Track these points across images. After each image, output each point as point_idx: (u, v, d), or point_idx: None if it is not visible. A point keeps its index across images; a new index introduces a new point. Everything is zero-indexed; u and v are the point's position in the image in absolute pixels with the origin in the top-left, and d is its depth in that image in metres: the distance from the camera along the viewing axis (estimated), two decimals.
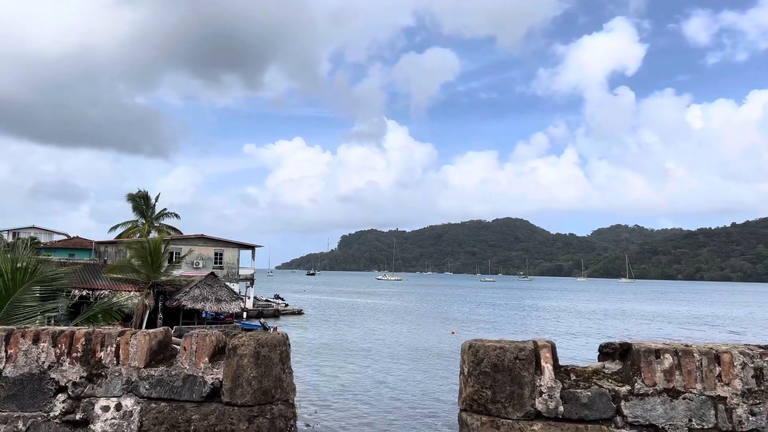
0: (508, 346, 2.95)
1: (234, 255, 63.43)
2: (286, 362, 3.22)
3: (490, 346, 2.97)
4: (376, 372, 32.49)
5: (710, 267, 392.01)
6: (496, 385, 2.89)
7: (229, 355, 3.10)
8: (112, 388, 3.15)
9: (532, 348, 2.93)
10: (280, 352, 3.18)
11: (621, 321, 69.03)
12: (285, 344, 3.23)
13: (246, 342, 3.11)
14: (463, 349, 3.10)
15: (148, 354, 3.20)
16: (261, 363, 3.09)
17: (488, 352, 2.95)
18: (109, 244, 68.19)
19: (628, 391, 2.82)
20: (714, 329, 61.03)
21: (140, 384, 3.14)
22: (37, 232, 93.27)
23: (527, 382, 2.87)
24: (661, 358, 2.83)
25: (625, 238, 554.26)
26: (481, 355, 2.96)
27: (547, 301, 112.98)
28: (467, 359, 3.01)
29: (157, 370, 3.15)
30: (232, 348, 3.11)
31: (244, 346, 3.10)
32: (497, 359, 2.92)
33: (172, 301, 42.49)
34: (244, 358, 3.08)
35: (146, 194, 69.74)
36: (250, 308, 60.02)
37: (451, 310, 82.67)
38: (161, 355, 3.29)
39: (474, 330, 54.82)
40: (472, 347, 3.02)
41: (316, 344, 42.89)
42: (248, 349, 3.09)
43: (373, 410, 23.87)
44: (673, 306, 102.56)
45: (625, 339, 3.22)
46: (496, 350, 2.94)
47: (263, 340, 3.14)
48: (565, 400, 2.83)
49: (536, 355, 2.93)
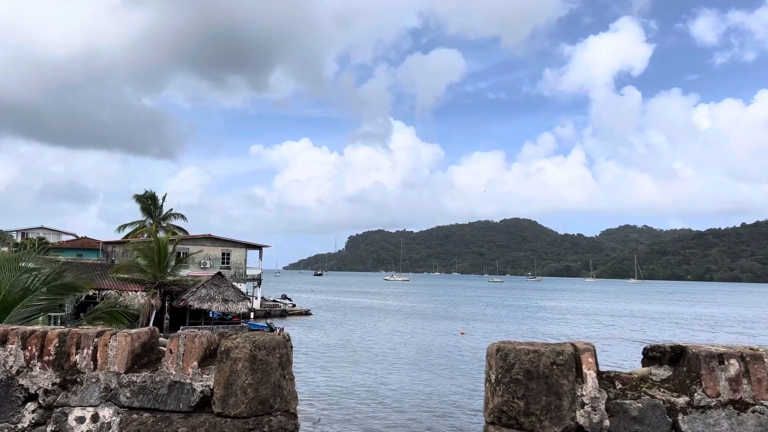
0: (543, 349, 2.54)
1: (241, 255, 63.19)
2: (286, 367, 2.82)
3: (522, 350, 2.56)
4: (386, 375, 32.06)
5: (720, 268, 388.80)
6: (530, 395, 2.48)
7: (222, 359, 2.71)
8: (88, 396, 2.76)
9: (571, 352, 2.52)
10: (279, 355, 2.78)
11: (634, 322, 68.33)
12: (285, 346, 2.84)
13: (240, 344, 2.72)
14: (490, 353, 2.69)
15: (130, 357, 2.81)
16: (257, 368, 2.70)
17: (520, 357, 2.54)
18: (116, 244, 68.13)
19: (686, 402, 2.40)
20: (734, 330, 60.26)
21: (120, 392, 2.75)
22: (45, 232, 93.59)
23: (566, 391, 2.46)
24: (725, 364, 2.41)
25: (634, 239, 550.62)
26: (511, 360, 2.56)
27: (557, 301, 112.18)
28: (495, 365, 2.61)
29: (139, 375, 2.77)
30: (224, 351, 2.71)
31: (239, 348, 2.71)
32: (531, 365, 2.51)
33: (179, 301, 42.23)
34: (238, 362, 2.69)
35: (153, 194, 69.67)
36: (258, 308, 59.74)
37: (460, 310, 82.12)
38: (145, 358, 2.90)
39: (484, 331, 54.29)
40: (500, 351, 2.61)
41: (323, 345, 42.53)
42: (243, 353, 2.70)
43: (383, 420, 23.42)
44: (686, 307, 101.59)
45: (663, 341, 2.80)
46: (529, 354, 2.53)
47: (260, 342, 2.74)
48: (612, 412, 2.42)
49: (576, 360, 2.52)
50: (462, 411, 23.94)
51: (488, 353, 2.71)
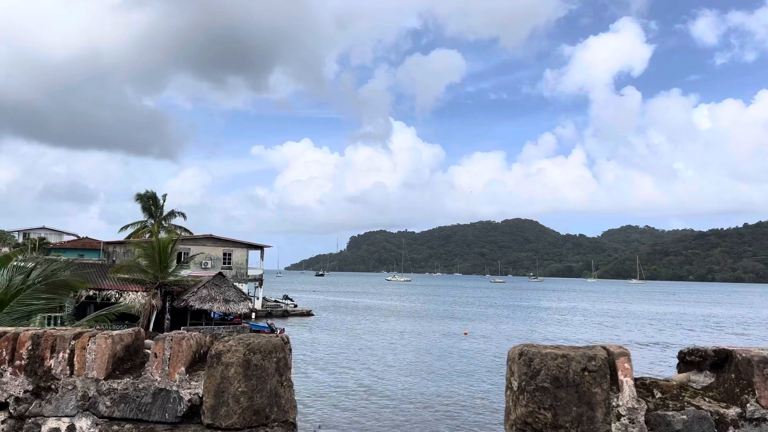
0: (573, 353, 2.26)
1: (243, 255, 62.92)
2: (284, 372, 2.54)
3: (549, 354, 2.27)
4: (388, 377, 31.76)
5: (722, 268, 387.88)
6: (558, 405, 2.20)
7: (212, 363, 2.43)
8: (64, 405, 2.49)
9: (604, 357, 2.24)
10: (276, 359, 2.50)
11: (639, 323, 67.98)
12: (283, 350, 2.56)
13: (233, 347, 2.44)
14: (511, 358, 2.41)
15: (111, 362, 2.53)
16: (252, 374, 2.42)
17: (546, 362, 2.26)
18: (117, 245, 67.90)
19: (737, 414, 2.12)
20: (746, 332, 59.92)
21: (99, 400, 2.47)
22: (47, 232, 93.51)
23: (600, 401, 2.18)
24: None
25: (636, 239, 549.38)
26: (536, 365, 2.27)
27: (560, 302, 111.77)
28: (518, 371, 2.32)
29: (121, 382, 2.49)
30: (215, 355, 2.43)
31: (231, 352, 2.42)
32: (559, 371, 2.23)
33: (180, 302, 41.97)
34: (230, 367, 2.41)
35: (154, 195, 69.45)
36: (259, 309, 59.48)
37: (462, 311, 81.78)
38: (128, 362, 2.62)
39: (487, 332, 53.97)
40: (523, 355, 2.32)
41: (324, 346, 42.25)
42: (236, 357, 2.42)
43: (385, 422, 23.12)
44: (690, 307, 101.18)
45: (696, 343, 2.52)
46: (556, 359, 2.25)
47: (255, 345, 2.46)
48: (652, 425, 2.14)
49: (610, 366, 2.24)
50: (466, 413, 23.64)
51: (510, 358, 2.43)
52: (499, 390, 27.94)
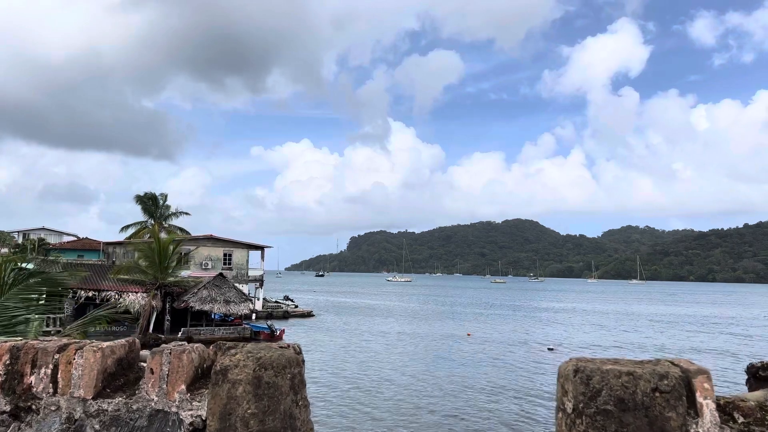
0: (639, 371, 1.93)
1: (243, 256, 62.60)
2: (300, 390, 2.21)
3: (611, 372, 1.94)
4: (391, 379, 31.42)
5: (722, 268, 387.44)
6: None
7: (217, 380, 2.10)
8: (46, 428, 2.16)
9: (678, 375, 1.91)
10: (291, 375, 2.17)
11: (647, 324, 67.64)
12: (298, 364, 2.23)
13: (241, 362, 2.11)
14: (564, 375, 2.08)
15: (101, 378, 2.20)
16: (263, 393, 2.09)
17: (608, 381, 1.93)
18: (117, 245, 67.60)
19: None
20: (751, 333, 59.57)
21: (87, 423, 2.14)
22: (47, 233, 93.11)
23: (675, 427, 1.85)
24: None
25: (636, 239, 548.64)
26: (596, 384, 1.94)
27: (562, 303, 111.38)
28: (572, 390, 1.99)
29: (112, 402, 2.16)
30: (220, 371, 2.10)
31: (239, 368, 2.10)
32: (624, 391, 1.90)
33: (180, 303, 41.64)
34: (238, 385, 2.08)
35: (154, 195, 69.12)
36: (260, 310, 59.14)
37: (464, 311, 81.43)
38: (121, 378, 2.29)
39: (491, 333, 53.62)
40: (580, 372, 1.99)
41: (326, 347, 41.93)
42: (245, 373, 2.09)
43: (388, 425, 22.79)
44: (694, 308, 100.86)
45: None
46: (621, 377, 1.92)
47: (267, 359, 2.13)
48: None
49: (687, 386, 1.91)
50: (472, 416, 23.30)
51: (562, 374, 2.09)
52: (501, 392, 27.62)
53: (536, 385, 29.40)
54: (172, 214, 69.18)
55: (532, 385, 29.38)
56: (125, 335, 39.42)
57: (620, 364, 2.02)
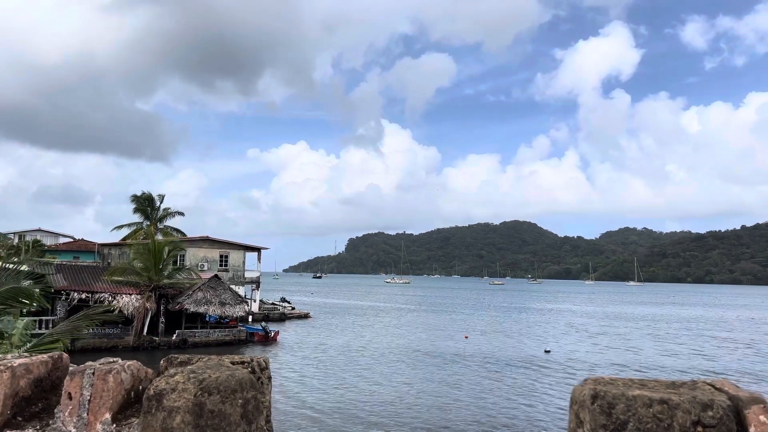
0: (676, 398, 1.52)
1: (240, 257, 62.09)
2: (255, 419, 1.80)
3: (639, 399, 1.54)
4: (389, 381, 30.98)
5: (720, 270, 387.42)
6: None
7: (150, 408, 1.69)
8: None
9: (726, 405, 1.50)
10: (243, 401, 1.76)
11: (651, 326, 67.28)
12: (253, 386, 1.82)
13: (180, 385, 1.70)
14: (578, 401, 1.67)
15: (10, 404, 1.80)
16: (207, 424, 1.68)
17: (635, 410, 1.53)
18: (112, 247, 67.11)
19: None
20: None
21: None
22: (42, 234, 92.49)
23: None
24: None
25: (634, 241, 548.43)
26: (620, 414, 1.54)
27: (559, 304, 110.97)
28: (591, 421, 1.59)
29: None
30: (154, 396, 1.69)
31: (177, 392, 1.69)
32: (657, 425, 1.49)
33: (175, 305, 41.15)
34: (175, 414, 1.67)
35: (150, 196, 68.65)
36: (256, 311, 58.65)
37: (462, 313, 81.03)
38: (39, 404, 1.89)
39: (488, 335, 53.17)
40: (599, 398, 1.59)
41: (322, 349, 41.47)
42: (183, 399, 1.68)
43: (388, 428, 22.35)
44: (700, 310, 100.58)
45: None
46: (651, 407, 1.52)
47: (211, 382, 1.72)
48: None
49: (736, 417, 1.51)
50: (471, 422, 22.89)
51: (575, 400, 1.69)
52: (498, 394, 27.22)
53: (535, 388, 29.02)
54: (168, 215, 68.70)
55: (531, 388, 29.00)
56: (118, 338, 38.94)
57: (649, 388, 1.63)
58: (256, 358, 2.37)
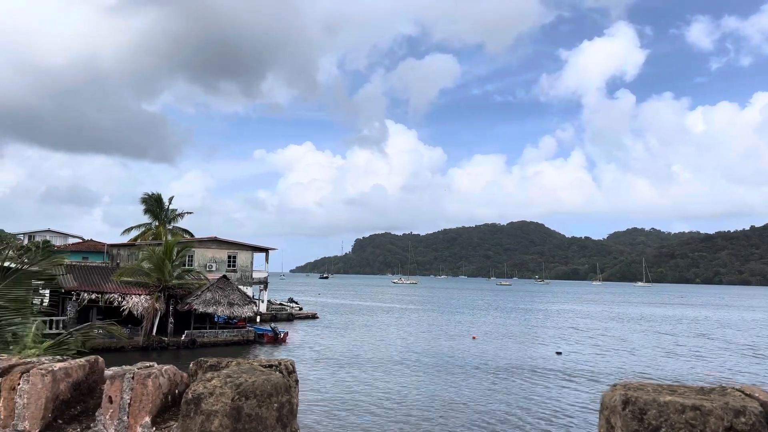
0: (708, 404, 1.55)
1: (248, 258, 62.28)
2: (289, 423, 1.84)
3: (671, 405, 1.57)
4: (397, 382, 31.00)
5: (729, 271, 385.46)
6: None
7: (188, 412, 1.73)
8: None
9: (758, 411, 1.53)
10: (278, 405, 1.80)
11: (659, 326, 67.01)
12: (288, 390, 1.86)
13: (217, 389, 1.74)
14: (610, 406, 1.70)
15: (51, 407, 1.84)
16: (244, 428, 1.72)
17: (668, 416, 1.56)
18: (121, 247, 67.42)
19: None
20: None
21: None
22: (52, 235, 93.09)
23: None
24: None
25: (642, 242, 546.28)
26: (652, 420, 1.57)
27: (568, 305, 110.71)
28: (623, 426, 1.61)
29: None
30: (192, 400, 1.73)
31: (214, 396, 1.73)
32: (690, 431, 1.53)
33: (183, 305, 41.33)
34: (213, 418, 1.71)
35: (159, 197, 68.93)
36: (264, 312, 58.84)
37: (470, 314, 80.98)
38: (78, 406, 1.93)
39: (496, 335, 53.13)
40: (630, 404, 1.62)
41: (330, 350, 41.55)
42: (221, 403, 1.72)
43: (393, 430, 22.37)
44: (710, 311, 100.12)
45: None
46: (684, 413, 1.55)
47: (248, 387, 1.76)
48: None
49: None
50: (482, 424, 22.88)
51: (606, 405, 1.72)
52: (508, 396, 27.19)
53: (548, 391, 28.97)
54: (177, 216, 68.98)
55: (544, 391, 28.96)
56: (128, 338, 39.14)
57: (679, 393, 1.65)
58: (283, 362, 2.41)
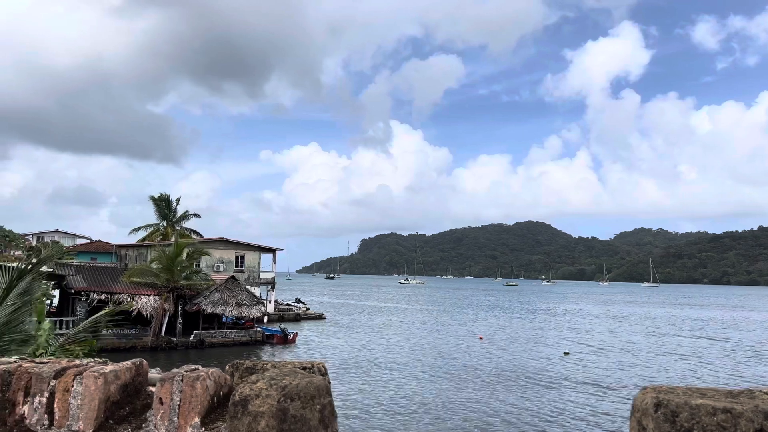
0: (739, 407, 1.61)
1: (255, 258, 62.51)
2: (331, 423, 1.92)
3: (703, 408, 1.63)
4: (404, 383, 31.07)
5: (737, 271, 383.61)
6: None
7: (236, 413, 1.81)
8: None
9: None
10: (320, 407, 1.88)
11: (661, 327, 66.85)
12: (328, 392, 1.94)
13: (263, 391, 1.82)
14: (642, 409, 1.76)
15: (103, 408, 1.93)
16: (290, 429, 1.80)
17: (699, 419, 1.62)
18: (129, 248, 67.76)
19: None
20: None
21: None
22: (60, 236, 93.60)
23: None
24: None
25: (649, 242, 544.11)
26: (684, 422, 1.63)
27: (575, 305, 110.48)
28: (655, 428, 1.68)
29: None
30: (240, 401, 1.81)
31: (261, 398, 1.81)
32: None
33: (192, 306, 41.55)
34: (260, 419, 1.79)
35: (168, 197, 69.22)
36: (271, 312, 59.04)
37: (476, 314, 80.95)
38: (126, 407, 2.02)
39: (503, 336, 53.12)
40: (662, 407, 1.68)
41: (338, 350, 41.67)
42: (267, 404, 1.80)
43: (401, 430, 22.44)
44: (718, 312, 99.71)
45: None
46: (715, 415, 1.61)
47: (293, 389, 1.84)
48: None
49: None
50: (484, 423, 22.93)
51: (639, 408, 1.78)
52: (516, 395, 27.22)
53: (553, 390, 28.98)
54: (184, 217, 69.25)
55: (548, 392, 28.96)
56: (137, 338, 39.38)
57: (709, 396, 1.72)
58: (316, 364, 2.49)
